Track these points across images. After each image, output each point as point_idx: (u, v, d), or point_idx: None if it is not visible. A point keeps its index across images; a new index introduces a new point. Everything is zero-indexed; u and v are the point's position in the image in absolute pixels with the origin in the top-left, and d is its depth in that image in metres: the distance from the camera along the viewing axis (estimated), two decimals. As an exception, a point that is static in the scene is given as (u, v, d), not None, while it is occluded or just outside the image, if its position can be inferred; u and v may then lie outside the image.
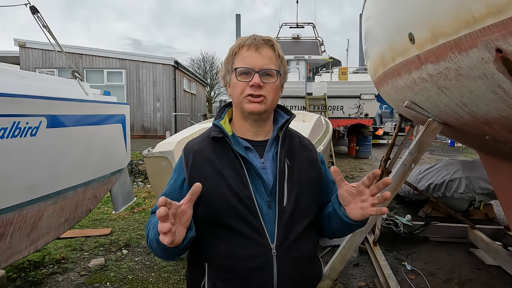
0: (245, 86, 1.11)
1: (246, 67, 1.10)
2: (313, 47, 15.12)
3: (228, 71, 1.17)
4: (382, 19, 2.78)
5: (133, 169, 7.82)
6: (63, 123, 2.60)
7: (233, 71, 1.13)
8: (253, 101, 1.11)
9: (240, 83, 1.11)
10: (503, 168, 2.93)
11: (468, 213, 4.96)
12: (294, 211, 1.11)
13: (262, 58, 1.11)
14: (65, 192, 2.77)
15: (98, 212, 5.38)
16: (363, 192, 1.02)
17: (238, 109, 1.17)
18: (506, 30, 1.32)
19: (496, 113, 1.76)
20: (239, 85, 1.12)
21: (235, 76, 1.12)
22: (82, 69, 13.64)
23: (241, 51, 1.13)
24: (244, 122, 1.18)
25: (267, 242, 1.07)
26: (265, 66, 1.11)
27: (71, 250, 3.96)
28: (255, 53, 1.11)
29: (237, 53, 1.13)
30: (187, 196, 0.94)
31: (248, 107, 1.11)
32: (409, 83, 2.44)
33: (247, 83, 1.10)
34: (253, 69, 1.10)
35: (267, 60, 1.12)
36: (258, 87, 1.09)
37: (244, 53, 1.12)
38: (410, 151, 2.62)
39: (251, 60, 1.10)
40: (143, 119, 14.40)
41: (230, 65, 1.15)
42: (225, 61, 1.18)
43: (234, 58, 1.14)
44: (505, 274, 3.45)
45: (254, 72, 1.10)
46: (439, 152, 14.18)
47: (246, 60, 1.11)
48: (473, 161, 5.19)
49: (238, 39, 1.17)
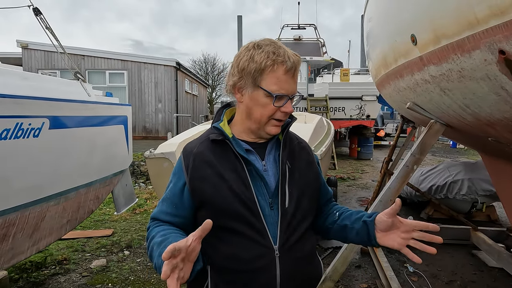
0: (276, 110, 1.08)
1: (285, 94, 1.06)
2: (314, 48, 15.11)
3: (252, 83, 1.07)
4: (384, 20, 2.78)
5: (135, 170, 7.83)
6: (65, 124, 2.61)
7: (267, 94, 1.05)
8: (277, 125, 1.11)
9: (273, 107, 1.07)
10: (506, 169, 2.92)
11: (470, 215, 4.94)
12: (296, 212, 1.12)
13: (295, 83, 1.09)
14: (67, 193, 2.78)
15: (100, 213, 5.39)
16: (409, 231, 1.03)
17: (255, 125, 1.12)
18: (509, 31, 1.31)
19: (499, 114, 1.75)
20: (270, 109, 1.07)
21: (266, 97, 1.06)
22: (84, 70, 13.68)
23: (277, 71, 1.05)
24: (249, 131, 1.16)
25: (270, 243, 1.07)
26: (295, 92, 1.09)
27: (73, 251, 3.97)
28: (292, 79, 1.07)
29: (271, 71, 1.05)
30: (197, 232, 0.90)
31: (272, 130, 1.11)
32: (411, 84, 2.43)
33: (279, 108, 1.07)
34: (288, 96, 1.07)
35: (296, 84, 1.10)
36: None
37: (282, 76, 1.05)
38: (412, 153, 2.62)
39: (289, 87, 1.06)
40: (144, 120, 14.42)
41: (258, 79, 1.06)
42: (247, 68, 1.06)
43: (264, 73, 1.05)
44: (508, 276, 3.43)
45: (288, 98, 1.07)
46: (441, 153, 14.14)
47: (283, 86, 1.05)
48: (475, 163, 5.18)
49: (271, 53, 1.05)
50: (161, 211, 1.15)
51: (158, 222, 1.14)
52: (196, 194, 1.10)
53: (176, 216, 1.13)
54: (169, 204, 1.14)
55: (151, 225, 1.15)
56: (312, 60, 14.06)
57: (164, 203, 1.15)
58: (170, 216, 1.13)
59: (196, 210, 1.14)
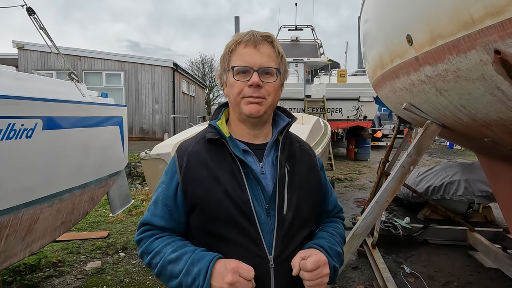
0: (243, 86, 1.03)
1: (244, 66, 1.02)
2: (312, 50, 15.13)
3: (224, 69, 1.08)
4: (380, 21, 2.77)
5: (131, 171, 7.79)
6: (59, 125, 2.58)
7: (230, 70, 1.05)
8: (251, 102, 1.03)
9: (237, 82, 1.03)
10: (502, 170, 2.91)
11: (467, 216, 4.94)
12: (294, 220, 1.04)
13: (261, 55, 1.03)
14: (61, 195, 2.75)
15: (95, 214, 5.35)
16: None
17: (236, 111, 1.09)
18: (504, 31, 1.31)
19: (495, 115, 1.74)
20: (236, 85, 1.04)
21: (232, 75, 1.04)
22: (81, 71, 13.62)
23: (238, 48, 1.04)
24: (242, 125, 1.10)
25: (264, 253, 1.00)
26: (264, 64, 1.03)
27: (68, 253, 3.93)
28: (253, 50, 1.03)
29: (233, 50, 1.05)
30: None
31: (246, 109, 1.04)
32: (407, 85, 2.43)
33: (245, 83, 1.02)
34: (251, 68, 1.02)
35: (266, 57, 1.04)
36: (257, 86, 1.02)
37: (242, 50, 1.04)
38: (409, 153, 2.61)
39: (249, 58, 1.03)
40: (141, 121, 14.37)
41: (227, 63, 1.07)
42: (221, 59, 1.09)
43: (230, 55, 1.06)
44: (505, 277, 3.43)
45: (252, 70, 1.02)
46: (438, 154, 14.18)
47: (243, 58, 1.03)
48: (472, 164, 5.18)
49: (235, 35, 1.08)
50: (154, 215, 1.07)
51: (152, 229, 1.07)
52: (189, 196, 1.03)
53: (170, 220, 1.06)
54: (162, 206, 1.07)
55: (146, 236, 1.06)
56: (309, 61, 14.09)
57: (157, 206, 1.08)
58: (164, 220, 1.06)
59: (188, 213, 1.07)
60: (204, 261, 0.94)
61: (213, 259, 0.94)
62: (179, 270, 0.95)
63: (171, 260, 0.97)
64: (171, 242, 1.02)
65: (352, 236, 2.65)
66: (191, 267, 0.94)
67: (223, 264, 0.92)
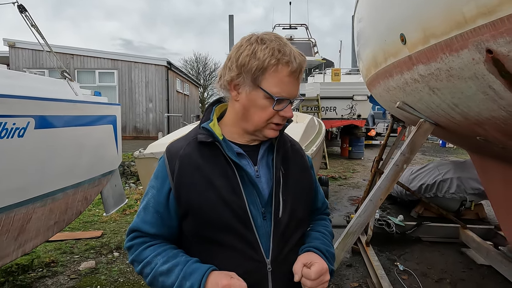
0: (275, 114, 0.99)
1: (286, 98, 0.97)
2: (306, 48, 15.16)
3: (252, 82, 0.97)
4: (374, 20, 2.79)
5: (125, 170, 7.75)
6: (52, 124, 2.55)
7: (264, 92, 0.96)
8: (275, 129, 1.03)
9: (272, 111, 0.98)
10: (494, 168, 2.95)
11: (459, 213, 5.00)
12: (290, 222, 1.04)
13: (298, 86, 1.01)
14: (54, 194, 2.72)
15: (89, 214, 5.31)
16: None
17: (251, 127, 1.03)
18: (496, 30, 1.32)
19: (487, 113, 1.76)
20: (269, 112, 0.99)
21: (266, 99, 0.97)
22: (73, 69, 13.49)
23: (281, 71, 0.95)
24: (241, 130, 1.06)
25: (262, 257, 0.99)
26: (297, 95, 1.01)
27: (61, 253, 3.90)
28: (296, 81, 0.98)
29: (274, 71, 0.95)
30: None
31: (269, 133, 1.03)
32: (400, 84, 2.44)
33: (278, 111, 0.99)
34: (289, 100, 0.99)
35: (299, 87, 1.02)
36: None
37: (286, 78, 0.96)
38: (402, 152, 2.63)
39: (291, 90, 0.98)
40: (135, 120, 14.29)
41: (259, 79, 0.96)
42: (247, 65, 0.95)
43: (266, 73, 0.95)
44: (497, 273, 3.47)
45: (289, 101, 0.99)
46: (431, 152, 14.31)
47: (285, 89, 0.96)
48: (464, 162, 5.24)
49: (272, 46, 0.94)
50: (144, 221, 1.04)
51: (142, 235, 1.04)
52: (182, 202, 1.00)
53: (162, 226, 1.03)
54: (153, 213, 1.03)
55: (136, 244, 1.03)
56: (303, 60, 14.11)
57: (147, 212, 1.04)
58: (155, 227, 1.03)
59: (181, 219, 1.04)
60: (196, 275, 0.92)
61: (205, 274, 0.92)
62: (171, 283, 0.93)
63: (162, 272, 0.95)
64: (162, 252, 1.00)
65: (346, 234, 2.66)
66: (183, 281, 0.92)
67: (215, 280, 0.90)
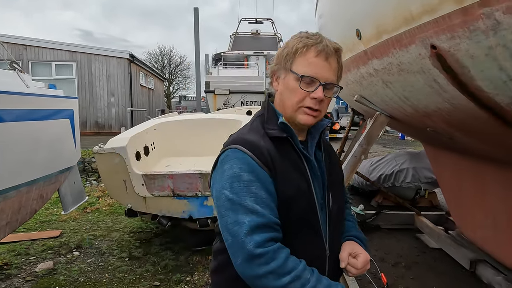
0: (305, 96, 1.02)
1: (312, 77, 1.01)
2: (272, 43, 15.26)
3: (285, 68, 1.05)
4: (333, 16, 2.87)
5: (86, 167, 7.44)
6: (1, 118, 2.40)
7: (294, 74, 1.03)
8: (309, 114, 1.05)
9: (301, 91, 1.02)
10: (444, 158, 3.16)
11: (415, 201, 5.28)
12: (338, 212, 1.16)
13: (329, 69, 1.03)
14: (5, 193, 2.57)
15: (46, 213, 5.06)
16: None
17: (288, 113, 1.08)
18: (439, 27, 1.41)
19: (434, 106, 1.89)
20: (298, 93, 1.03)
21: (298, 82, 1.02)
22: (27, 61, 12.68)
23: (308, 53, 1.02)
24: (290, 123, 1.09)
25: (323, 244, 1.09)
26: (330, 80, 1.03)
27: (15, 255, 3.70)
28: (324, 63, 1.02)
29: (301, 54, 1.02)
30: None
31: (302, 118, 1.05)
32: (357, 77, 2.55)
33: (308, 93, 1.02)
34: (318, 80, 1.01)
35: (332, 72, 1.04)
36: (320, 101, 1.03)
37: (312, 58, 1.01)
38: (360, 143, 2.75)
39: (319, 70, 1.01)
40: (96, 115, 13.72)
41: (290, 63, 1.04)
42: (281, 54, 1.06)
43: (296, 57, 1.03)
44: (447, 256, 3.73)
45: (319, 84, 1.02)
46: (391, 145, 14.98)
47: (313, 68, 1.01)
48: (419, 153, 5.54)
49: (303, 35, 1.04)
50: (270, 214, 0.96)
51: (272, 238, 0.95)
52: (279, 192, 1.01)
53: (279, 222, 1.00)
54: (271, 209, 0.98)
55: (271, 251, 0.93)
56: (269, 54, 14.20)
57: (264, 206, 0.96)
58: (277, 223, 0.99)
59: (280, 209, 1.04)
60: None
61: None
62: None
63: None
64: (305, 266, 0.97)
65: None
66: None
67: None
